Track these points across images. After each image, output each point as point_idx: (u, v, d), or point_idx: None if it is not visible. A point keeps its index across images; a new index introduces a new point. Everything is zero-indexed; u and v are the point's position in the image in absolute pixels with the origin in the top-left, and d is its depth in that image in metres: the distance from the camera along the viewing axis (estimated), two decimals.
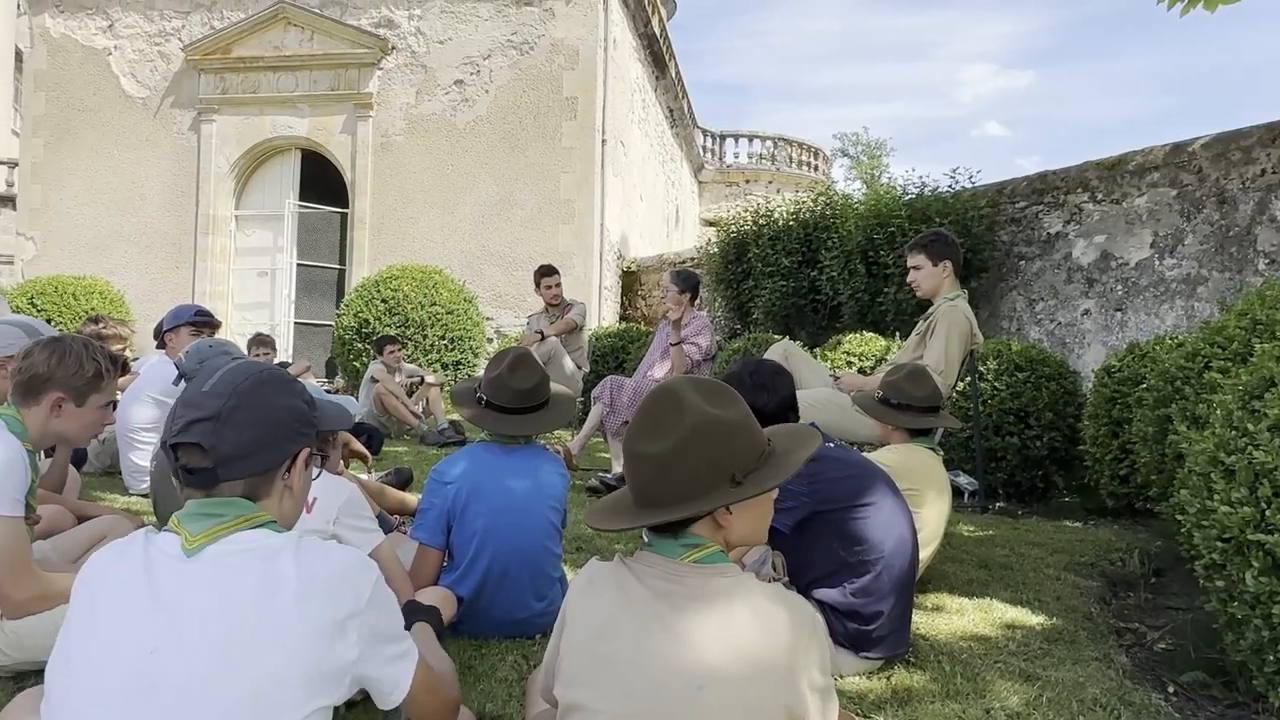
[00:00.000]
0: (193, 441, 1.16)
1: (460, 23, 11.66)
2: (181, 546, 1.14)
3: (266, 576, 1.13)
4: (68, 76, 12.76)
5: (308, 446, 1.29)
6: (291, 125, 12.15)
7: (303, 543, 1.19)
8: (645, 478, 1.27)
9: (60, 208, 12.73)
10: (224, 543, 1.15)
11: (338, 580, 1.17)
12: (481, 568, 2.29)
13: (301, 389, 1.30)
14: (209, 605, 1.10)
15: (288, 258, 12.26)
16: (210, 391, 1.20)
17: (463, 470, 2.38)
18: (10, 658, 1.97)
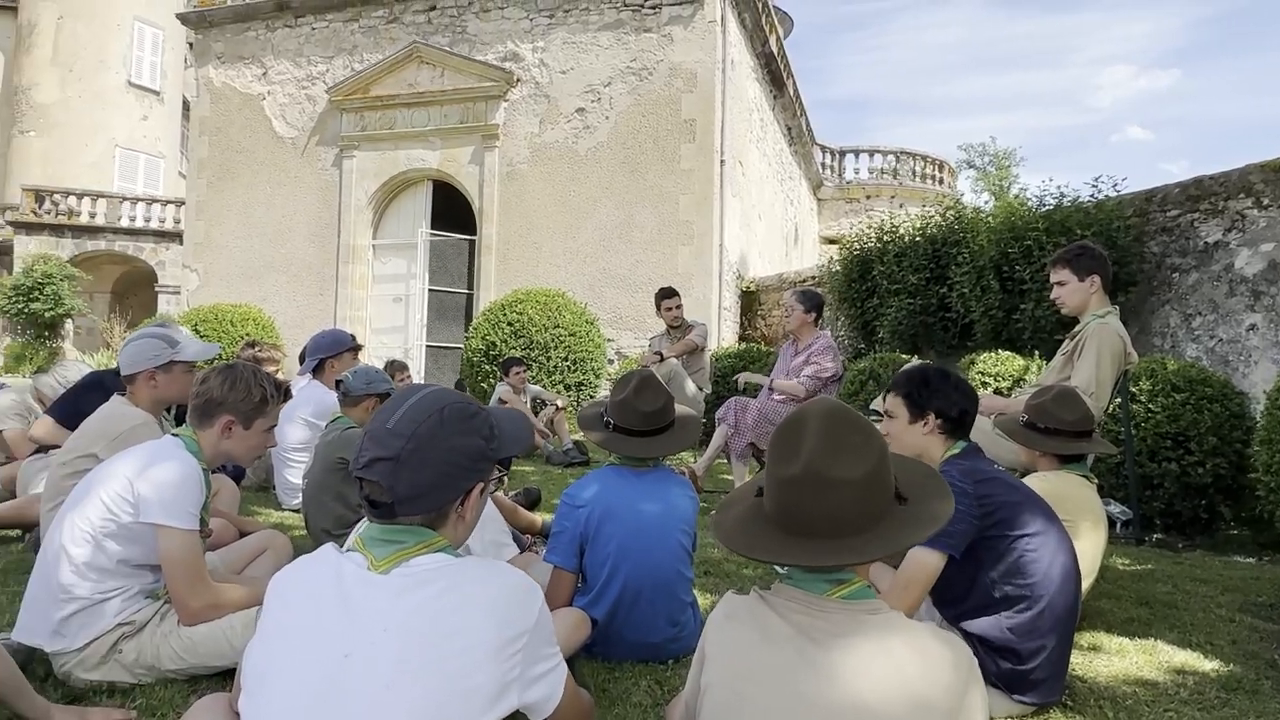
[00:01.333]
0: (374, 480, 1.24)
1: (581, 53, 11.98)
2: (368, 567, 1.22)
3: (447, 595, 1.19)
4: (227, 121, 13.89)
5: (482, 481, 1.34)
6: (424, 158, 12.77)
7: (479, 564, 1.26)
8: (835, 504, 1.20)
9: (220, 241, 13.82)
10: (408, 565, 1.22)
11: (512, 600, 1.22)
12: (615, 591, 2.30)
13: (483, 423, 1.34)
14: (396, 619, 1.16)
15: (420, 284, 12.86)
16: (394, 430, 1.26)
17: (594, 493, 2.41)
18: (186, 662, 2.12)
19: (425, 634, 1.16)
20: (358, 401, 3.57)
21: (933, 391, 2.23)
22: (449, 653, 1.15)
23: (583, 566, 2.40)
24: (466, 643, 1.16)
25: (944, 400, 2.23)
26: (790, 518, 1.25)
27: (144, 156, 27.69)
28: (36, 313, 19.38)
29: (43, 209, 21.68)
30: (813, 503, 1.22)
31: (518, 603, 1.23)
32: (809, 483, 1.22)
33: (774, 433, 1.32)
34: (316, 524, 3.37)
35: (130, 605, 2.13)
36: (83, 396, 3.73)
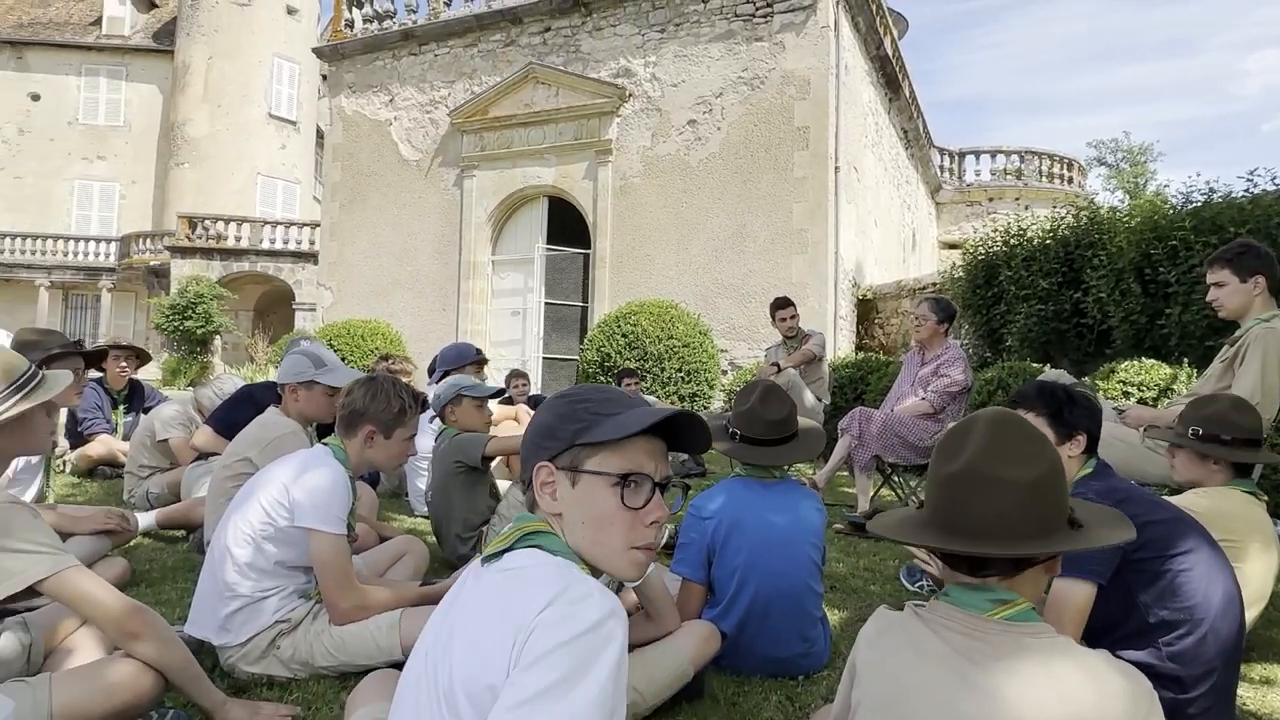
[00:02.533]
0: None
1: (693, 65, 12.04)
2: (482, 560, 1.24)
3: (521, 583, 1.14)
4: (358, 147, 14.69)
5: (546, 459, 1.29)
6: (540, 175, 13.12)
7: (548, 567, 1.20)
8: (1004, 506, 1.15)
9: (351, 260, 14.61)
10: (506, 557, 1.20)
11: (573, 602, 1.15)
12: (744, 603, 2.28)
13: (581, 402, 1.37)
14: (486, 599, 1.15)
15: (537, 297, 13.19)
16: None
17: (721, 504, 2.40)
18: (337, 659, 2.24)
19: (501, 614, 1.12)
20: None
21: (1081, 410, 2.11)
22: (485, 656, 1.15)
23: (710, 578, 2.40)
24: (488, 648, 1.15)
25: (1091, 419, 2.10)
26: (950, 516, 1.20)
27: (282, 183, 29.60)
28: (189, 330, 20.98)
29: (195, 234, 23.48)
30: (972, 499, 1.17)
31: (578, 606, 1.16)
32: (970, 479, 1.17)
33: (941, 437, 1.28)
34: (446, 529, 3.49)
35: (287, 604, 2.27)
36: (236, 408, 4.01)
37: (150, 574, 3.16)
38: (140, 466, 4.55)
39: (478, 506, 3.46)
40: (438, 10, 14.14)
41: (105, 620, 1.78)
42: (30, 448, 1.89)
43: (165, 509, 3.83)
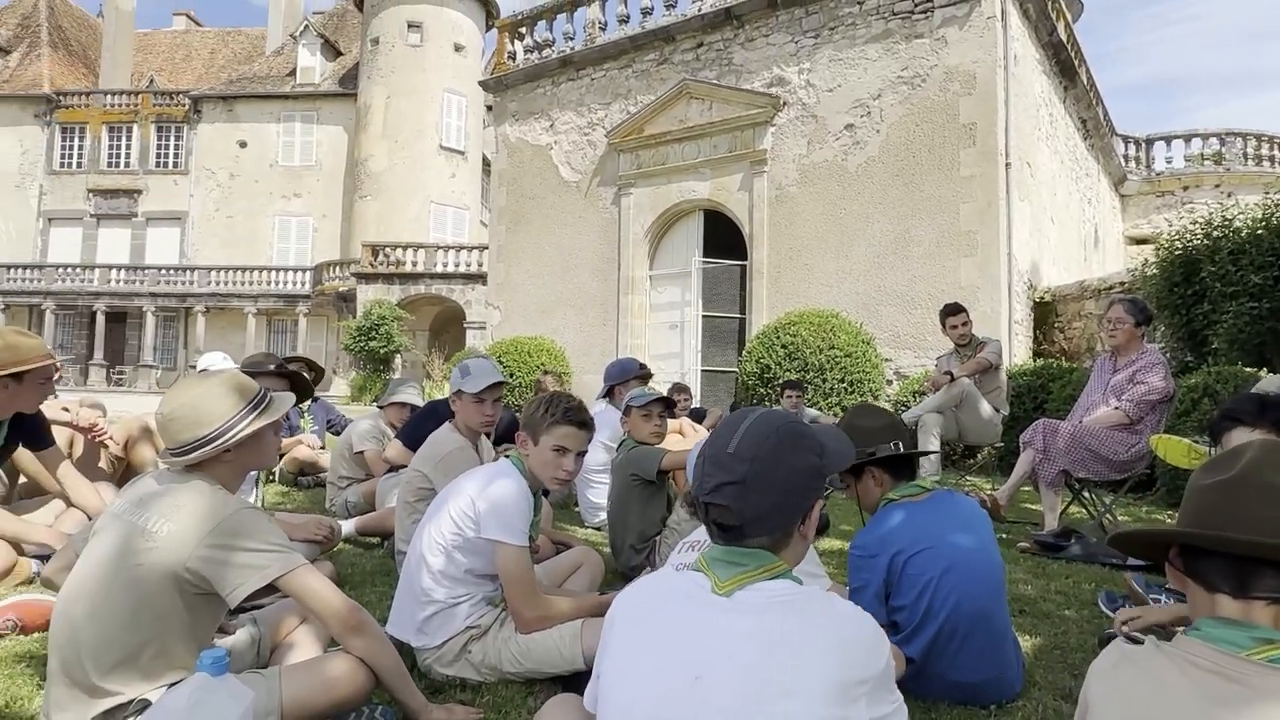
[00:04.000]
0: (722, 503, 1.28)
1: (849, 68, 11.77)
2: (711, 589, 1.26)
3: (796, 627, 1.19)
4: (521, 172, 15.39)
5: (819, 498, 1.37)
6: (695, 189, 13.23)
7: (828, 599, 1.25)
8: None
9: (517, 280, 15.30)
10: (749, 590, 1.24)
11: (863, 645, 1.21)
12: (931, 629, 2.18)
13: (813, 441, 1.37)
14: (743, 646, 1.18)
15: (695, 310, 13.29)
16: (735, 454, 1.31)
17: (889, 535, 2.29)
18: (523, 666, 2.33)
19: (767, 665, 1.16)
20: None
21: None
22: (792, 687, 1.14)
23: (890, 605, 2.29)
24: (808, 680, 1.15)
25: None
26: (1215, 520, 1.11)
27: (452, 209, 31.45)
28: (373, 350, 22.67)
29: (377, 261, 25.36)
30: (1246, 502, 1.08)
31: (865, 648, 1.21)
32: (1245, 483, 1.09)
33: (1200, 465, 1.19)
34: (621, 540, 3.57)
35: (476, 610, 2.40)
36: (423, 423, 4.29)
37: (352, 577, 3.43)
38: (340, 477, 4.95)
39: (653, 518, 3.52)
40: (593, 35, 14.61)
41: (330, 615, 1.93)
42: (262, 462, 2.10)
43: (363, 517, 4.15)
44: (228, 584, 1.79)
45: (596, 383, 12.27)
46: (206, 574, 1.79)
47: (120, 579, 1.80)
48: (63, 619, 1.84)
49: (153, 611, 1.80)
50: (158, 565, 1.79)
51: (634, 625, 1.31)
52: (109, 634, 1.78)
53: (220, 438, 1.92)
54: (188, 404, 1.94)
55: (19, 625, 2.67)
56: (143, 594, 1.79)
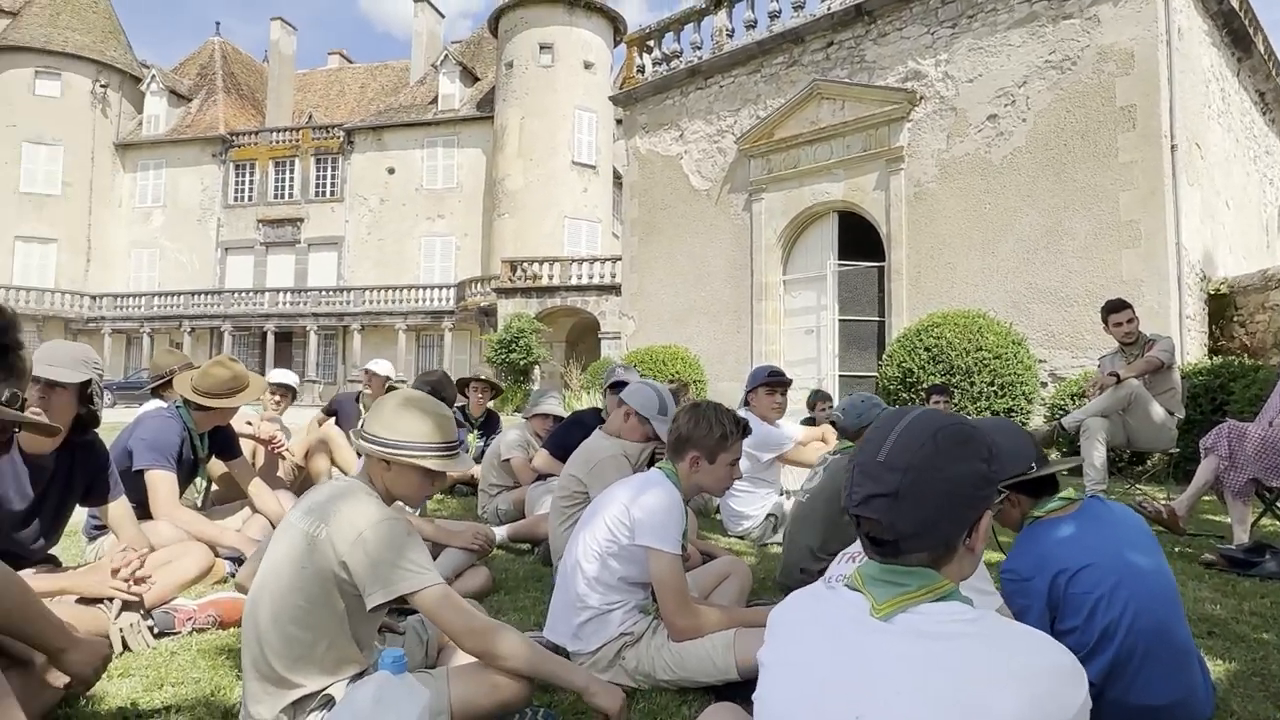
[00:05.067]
0: (872, 517, 1.17)
1: (989, 56, 11.24)
2: (870, 611, 1.15)
3: (979, 657, 1.07)
4: (652, 183, 15.58)
5: (988, 508, 1.22)
6: (828, 191, 12.98)
7: (1012, 625, 1.13)
8: None
9: (650, 290, 15.47)
10: (913, 613, 1.13)
11: (1059, 678, 1.07)
12: (1108, 653, 2.04)
13: (980, 445, 1.21)
14: (909, 678, 1.07)
15: (830, 314, 13.02)
16: (886, 463, 1.18)
17: (1047, 554, 2.15)
18: (676, 674, 2.35)
19: (943, 704, 1.04)
20: (855, 433, 3.62)
21: None
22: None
23: (1053, 634, 2.16)
24: (989, 716, 1.02)
25: None
26: None
27: (585, 223, 32.23)
28: (514, 362, 23.50)
29: (515, 276, 26.30)
30: None
31: (1063, 682, 1.06)
32: None
33: None
34: (799, 555, 3.43)
35: (630, 617, 2.44)
36: (568, 432, 4.42)
37: (506, 582, 3.56)
38: (490, 485, 5.15)
39: (847, 535, 3.37)
40: (721, 43, 14.62)
41: (455, 637, 2.02)
42: (408, 497, 2.15)
43: (514, 524, 4.31)
44: (368, 587, 1.90)
45: (732, 390, 12.27)
46: (354, 575, 1.91)
47: (294, 582, 1.94)
48: (250, 619, 2.01)
49: (322, 611, 1.94)
50: (321, 567, 1.92)
51: (789, 646, 1.23)
52: (288, 632, 1.93)
53: (388, 449, 2.04)
54: (401, 409, 2.08)
55: (218, 620, 2.93)
56: (312, 594, 1.93)
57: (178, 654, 2.66)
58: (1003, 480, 1.23)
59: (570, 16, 31.93)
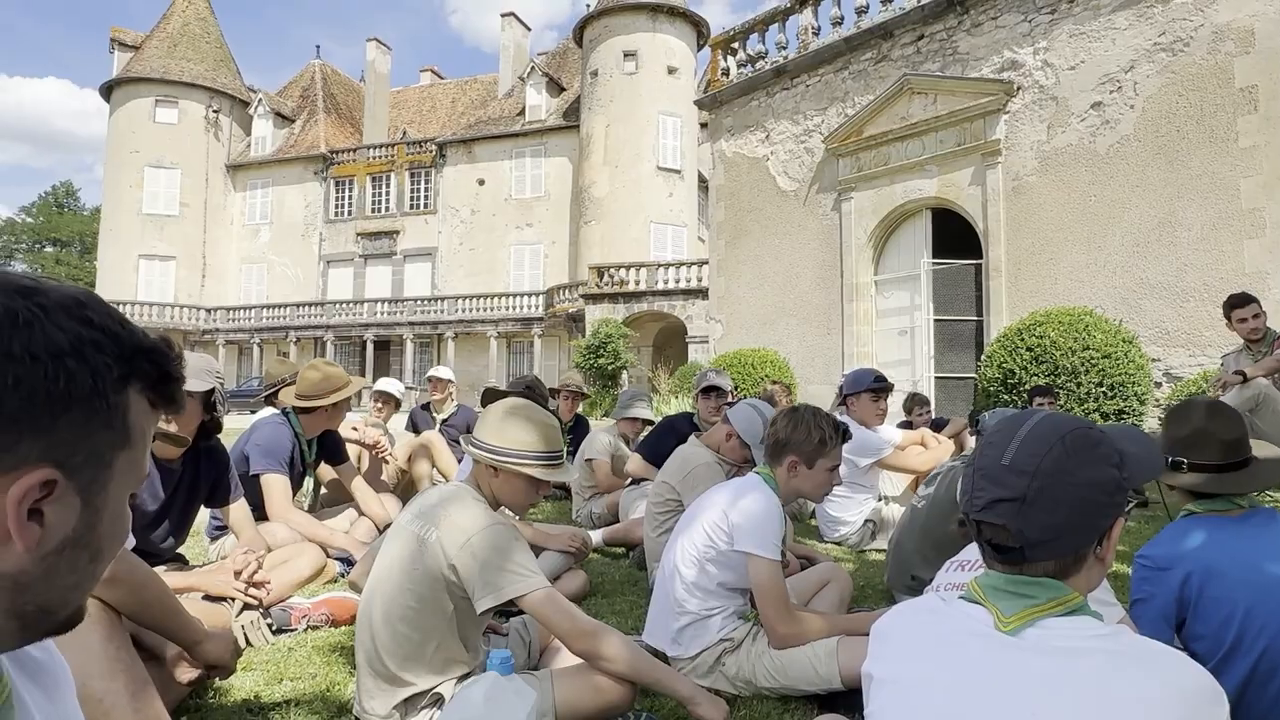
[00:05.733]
0: (997, 523, 1.11)
1: (1093, 41, 10.73)
2: (994, 625, 1.09)
3: (1110, 677, 1.01)
4: (738, 185, 15.49)
5: (1119, 515, 1.16)
6: (920, 188, 12.63)
7: (1149, 644, 1.08)
8: None
9: (738, 294, 15.38)
10: (1043, 628, 1.07)
11: (1198, 704, 1.00)
12: (1243, 664, 1.92)
13: (1109, 449, 1.15)
14: (1046, 696, 1.01)
15: (925, 315, 12.65)
16: (1011, 466, 1.12)
17: (1187, 551, 2.04)
18: (778, 682, 2.33)
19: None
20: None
21: None
22: None
23: (1184, 635, 2.05)
24: None
25: None
26: None
27: (670, 228, 32.30)
28: (602, 367, 23.73)
29: (602, 281, 26.56)
30: None
31: (1202, 710, 0.98)
32: None
33: None
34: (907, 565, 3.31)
35: (729, 623, 2.43)
36: (661, 438, 4.42)
37: (603, 586, 3.59)
38: (583, 488, 5.21)
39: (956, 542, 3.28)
40: (807, 42, 14.43)
41: (564, 638, 2.07)
42: (513, 504, 2.20)
43: (609, 528, 4.35)
44: (477, 590, 1.94)
45: (822, 393, 12.07)
46: (462, 578, 1.95)
47: (405, 583, 2.01)
48: (363, 618, 2.09)
49: (431, 612, 1.99)
50: (431, 569, 1.98)
51: (903, 660, 1.17)
52: (398, 631, 2.00)
53: (496, 456, 2.09)
54: (509, 418, 2.13)
55: (330, 619, 3.06)
56: (422, 595, 1.99)
57: (294, 650, 2.79)
58: (1134, 486, 1.14)
59: (653, 23, 32.11)
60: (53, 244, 65.25)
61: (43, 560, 0.66)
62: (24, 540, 0.64)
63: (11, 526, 0.63)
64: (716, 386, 4.50)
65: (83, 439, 0.67)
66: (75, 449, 0.66)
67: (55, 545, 0.67)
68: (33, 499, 0.64)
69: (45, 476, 0.64)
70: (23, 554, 0.65)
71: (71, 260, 62.94)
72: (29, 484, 0.64)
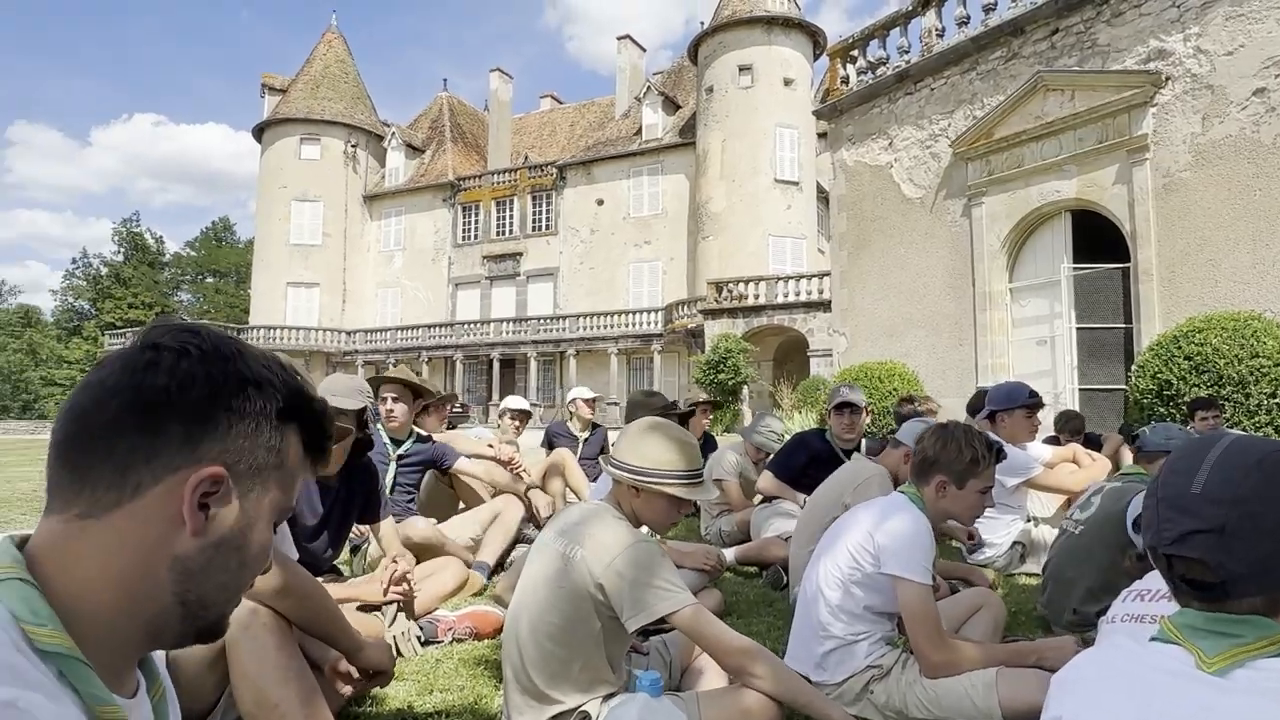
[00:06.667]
0: (1192, 556, 1.03)
1: (1253, 24, 9.90)
2: (1195, 665, 1.01)
3: None
4: (861, 195, 15.13)
5: None
6: (1058, 189, 11.97)
7: None
8: None
9: (862, 305, 14.99)
10: (1254, 669, 0.98)
11: None
12: None
13: None
14: None
15: (1066, 323, 11.95)
16: (1204, 495, 1.04)
17: None
18: (930, 713, 2.22)
19: None
20: (1152, 458, 3.22)
21: None
22: None
23: None
24: None
25: None
26: None
27: (789, 240, 31.89)
28: (722, 382, 23.62)
29: (721, 297, 26.50)
30: None
31: None
32: None
33: None
34: (1070, 594, 3.14)
35: (877, 649, 2.34)
36: (792, 454, 4.34)
37: (738, 606, 3.55)
38: (712, 504, 5.18)
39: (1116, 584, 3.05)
40: (931, 44, 13.98)
41: (720, 654, 2.02)
42: (656, 523, 2.20)
43: (742, 546, 4.29)
44: (626, 609, 1.94)
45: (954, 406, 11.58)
46: (610, 597, 1.95)
47: (550, 600, 2.03)
48: (510, 634, 2.12)
49: (577, 629, 2.01)
50: (577, 587, 1.99)
51: (1093, 708, 1.08)
52: (545, 649, 2.02)
53: (638, 475, 2.10)
54: (649, 437, 2.15)
55: (474, 631, 3.15)
56: (567, 613, 2.00)
57: (442, 661, 2.88)
58: None
59: (769, 35, 31.96)
60: (212, 275, 71.00)
61: (204, 551, 0.78)
62: (193, 523, 0.77)
63: (186, 510, 0.76)
64: (850, 403, 4.37)
65: (248, 452, 0.80)
66: (241, 458, 0.80)
67: (215, 539, 0.79)
68: (203, 490, 0.77)
69: (217, 473, 0.77)
70: (190, 539, 0.77)
71: (229, 289, 68.21)
72: (204, 475, 0.77)
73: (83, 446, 0.76)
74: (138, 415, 0.76)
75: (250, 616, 1.83)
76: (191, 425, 0.77)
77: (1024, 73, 12.34)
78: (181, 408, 0.77)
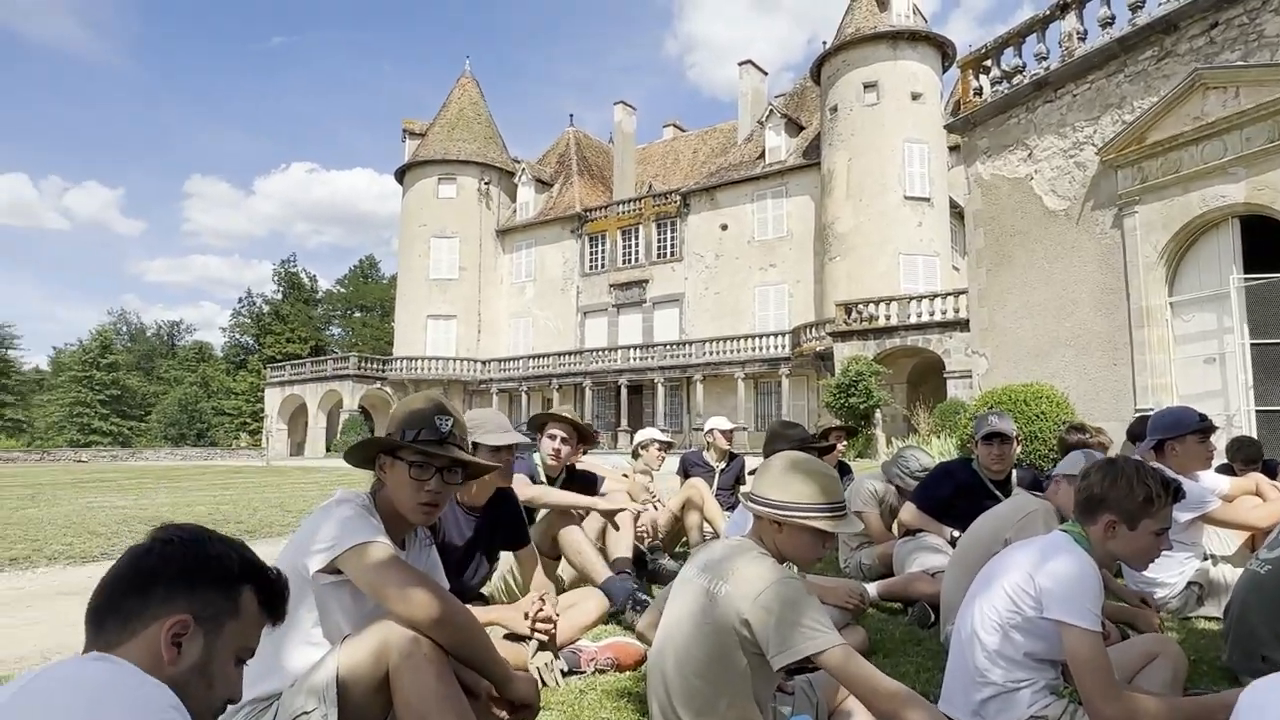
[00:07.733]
0: None
1: None
2: None
3: None
4: (998, 209, 14.47)
5: None
6: (1223, 194, 11.05)
7: None
8: None
9: (1003, 324, 14.28)
10: None
11: None
12: None
13: None
14: None
15: (1238, 339, 10.95)
16: None
17: None
18: None
19: None
20: None
21: None
22: None
23: None
24: None
25: None
26: None
27: (921, 258, 30.85)
28: (854, 406, 22.98)
29: (850, 318, 25.89)
30: None
31: None
32: None
33: None
34: (1262, 636, 2.86)
35: (1040, 698, 2.20)
36: (937, 485, 4.17)
37: (883, 645, 3.42)
38: (851, 537, 5.03)
39: None
40: (1071, 49, 13.28)
41: (869, 697, 1.94)
42: (799, 558, 2.17)
43: (886, 581, 4.14)
44: (771, 647, 1.90)
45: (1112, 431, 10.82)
46: (756, 633, 1.92)
47: (695, 636, 2.03)
48: (655, 668, 2.13)
49: (723, 666, 1.99)
50: (721, 623, 1.98)
51: None
52: (692, 684, 2.02)
53: (782, 511, 2.08)
54: (789, 471, 2.13)
55: (615, 663, 3.17)
56: (712, 649, 1.99)
57: (585, 693, 2.92)
58: None
59: (894, 51, 31.26)
60: (360, 309, 75.69)
61: (181, 675, 1.14)
62: (168, 655, 1.14)
63: (162, 645, 1.14)
64: (1000, 433, 4.15)
65: (210, 604, 1.20)
66: (205, 609, 1.19)
67: (187, 667, 1.16)
68: (175, 630, 1.15)
69: (184, 620, 1.16)
70: (170, 667, 1.14)
71: (374, 323, 72.47)
72: (175, 620, 1.16)
73: (103, 608, 1.17)
74: (135, 584, 1.17)
75: (413, 645, 1.92)
76: (169, 588, 1.17)
77: (1179, 72, 11.52)
78: (164, 577, 1.17)
